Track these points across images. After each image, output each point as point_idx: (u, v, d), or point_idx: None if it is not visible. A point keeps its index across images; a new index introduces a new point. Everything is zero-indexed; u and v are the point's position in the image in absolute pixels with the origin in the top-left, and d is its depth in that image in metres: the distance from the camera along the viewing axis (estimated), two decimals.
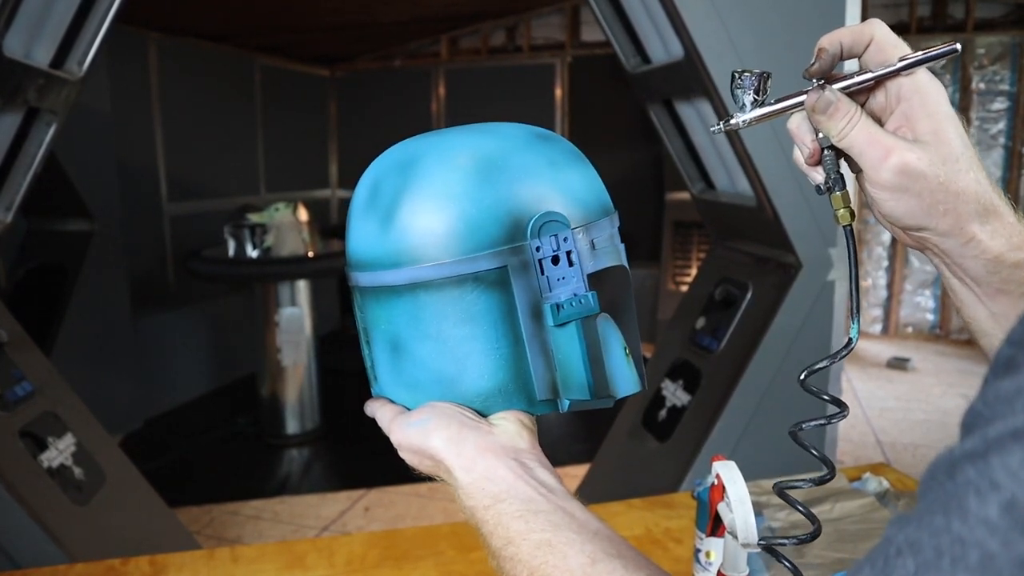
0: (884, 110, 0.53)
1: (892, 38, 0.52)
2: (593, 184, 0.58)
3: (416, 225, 0.53)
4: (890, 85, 0.52)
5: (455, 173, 0.54)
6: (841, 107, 0.51)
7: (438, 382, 0.55)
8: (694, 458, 1.99)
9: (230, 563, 1.08)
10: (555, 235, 0.53)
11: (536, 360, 0.54)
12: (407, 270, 0.53)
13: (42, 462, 1.69)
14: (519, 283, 0.53)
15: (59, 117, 1.74)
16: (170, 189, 4.38)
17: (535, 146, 0.56)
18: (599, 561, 0.45)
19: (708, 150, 2.20)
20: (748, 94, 0.54)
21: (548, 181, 0.55)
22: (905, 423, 3.89)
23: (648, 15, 2.02)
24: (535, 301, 0.54)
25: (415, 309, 0.54)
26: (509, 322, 0.54)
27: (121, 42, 3.84)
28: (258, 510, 3.09)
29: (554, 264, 0.53)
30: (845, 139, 0.51)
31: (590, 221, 0.56)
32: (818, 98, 0.52)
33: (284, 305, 3.67)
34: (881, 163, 0.50)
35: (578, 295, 0.54)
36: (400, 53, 5.89)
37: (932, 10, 5.04)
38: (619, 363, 0.57)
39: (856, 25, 0.53)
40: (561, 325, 0.54)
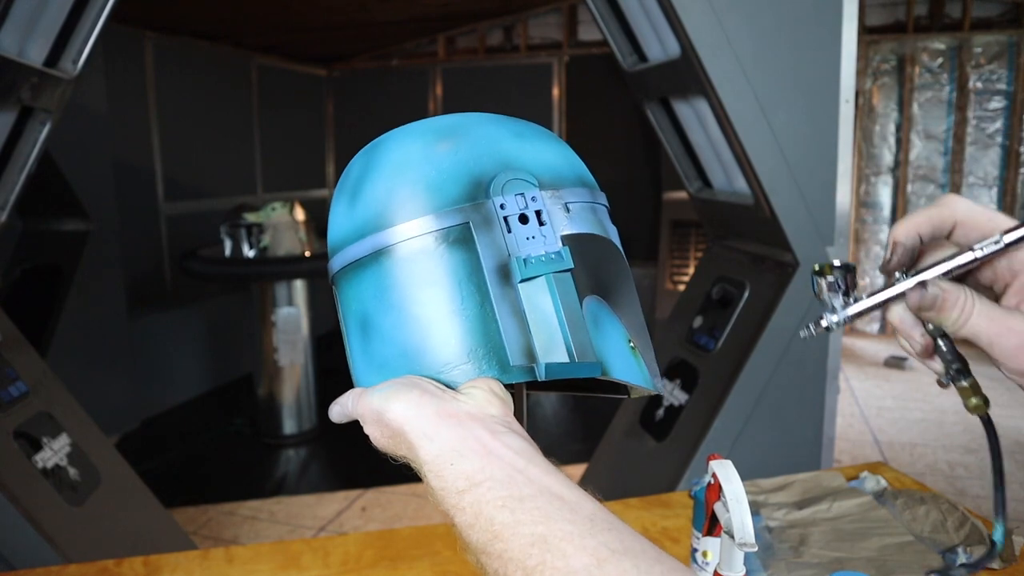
0: (994, 283, 0.49)
1: (981, 211, 0.47)
2: (567, 158, 0.56)
3: (376, 194, 0.53)
4: (999, 260, 0.47)
5: (416, 142, 0.54)
6: (950, 297, 0.46)
7: (404, 355, 0.52)
8: (691, 457, 1.98)
9: (225, 563, 1.07)
10: (521, 193, 0.52)
11: (506, 321, 0.51)
12: (370, 238, 0.53)
13: (36, 463, 1.68)
14: (483, 238, 0.51)
15: (53, 116, 1.73)
16: (166, 189, 4.37)
17: (502, 122, 0.56)
18: (606, 561, 0.39)
19: (705, 149, 2.19)
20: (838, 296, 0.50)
21: (513, 147, 0.54)
22: (903, 422, 3.89)
23: (645, 14, 2.02)
24: (502, 260, 0.51)
25: (379, 279, 0.53)
26: (475, 281, 0.51)
27: (117, 41, 3.83)
28: (255, 510, 3.09)
29: (522, 223, 0.51)
30: (964, 329, 0.46)
31: (563, 187, 0.53)
32: (921, 296, 0.46)
33: (281, 305, 3.66)
34: (1019, 351, 0.45)
35: (548, 252, 0.51)
36: (397, 53, 5.89)
37: (929, 9, 5.04)
38: (619, 349, 0.54)
39: (932, 209, 0.48)
40: (530, 280, 0.51)
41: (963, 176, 5.12)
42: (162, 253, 4.40)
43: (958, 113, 5.08)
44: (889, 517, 1.12)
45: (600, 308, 0.55)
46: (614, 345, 0.54)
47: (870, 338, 5.51)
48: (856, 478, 1.26)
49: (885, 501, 1.17)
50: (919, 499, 1.15)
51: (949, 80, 5.09)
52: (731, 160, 2.02)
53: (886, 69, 5.19)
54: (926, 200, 5.28)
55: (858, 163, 5.25)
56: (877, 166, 5.34)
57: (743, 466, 0.83)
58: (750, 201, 2.01)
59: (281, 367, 3.71)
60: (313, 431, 3.86)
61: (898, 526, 1.09)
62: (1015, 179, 5.01)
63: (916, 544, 1.05)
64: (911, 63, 5.09)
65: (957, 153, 5.10)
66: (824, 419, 2.06)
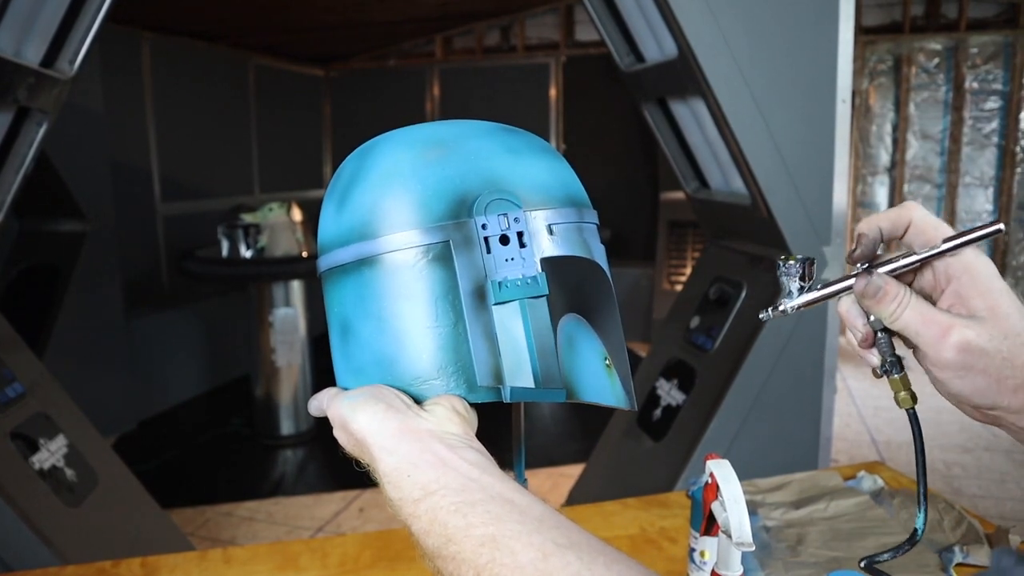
0: (934, 289, 0.53)
1: (931, 220, 0.52)
2: (559, 175, 0.56)
3: (363, 202, 0.54)
4: (937, 265, 0.52)
5: (406, 152, 0.54)
6: (890, 290, 0.51)
7: (378, 364, 0.54)
8: (689, 457, 1.99)
9: (222, 564, 1.07)
10: (504, 214, 0.52)
11: (477, 342, 0.51)
12: (354, 246, 0.53)
13: (33, 464, 1.68)
14: (462, 260, 0.51)
15: (50, 116, 1.72)
16: (164, 189, 4.36)
17: (496, 134, 0.56)
18: (551, 555, 0.41)
19: (702, 149, 2.20)
20: (794, 281, 0.54)
21: (503, 164, 0.54)
22: (900, 421, 3.90)
23: (642, 14, 2.02)
24: (479, 280, 0.51)
25: (360, 287, 0.54)
26: (450, 300, 0.52)
27: (114, 41, 3.82)
28: (252, 511, 3.08)
29: (502, 244, 0.52)
30: (898, 321, 0.51)
31: (549, 207, 0.54)
32: (867, 283, 0.52)
33: (278, 305, 3.66)
34: (940, 341, 0.49)
35: (526, 276, 0.52)
36: (394, 53, 5.88)
37: (925, 9, 5.05)
38: (593, 369, 0.56)
39: (892, 210, 0.53)
40: (503, 303, 0.51)
41: (959, 176, 5.14)
42: (159, 253, 4.39)
43: (954, 113, 5.09)
44: (886, 516, 1.12)
45: (578, 328, 0.56)
46: (588, 364, 0.55)
47: None
48: (853, 478, 1.26)
49: (882, 500, 1.18)
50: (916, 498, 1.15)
51: (945, 80, 5.10)
52: (728, 160, 2.03)
53: (882, 69, 5.20)
54: (922, 200, 5.29)
55: (855, 163, 5.26)
56: (874, 166, 5.35)
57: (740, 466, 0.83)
58: (747, 201, 2.01)
59: (278, 368, 3.71)
60: (310, 432, 3.86)
61: (895, 525, 1.10)
62: (1011, 179, 5.03)
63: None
64: (907, 63, 5.10)
65: (953, 153, 5.11)
66: (821, 419, 2.06)
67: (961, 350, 0.49)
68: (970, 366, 0.49)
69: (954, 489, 3.09)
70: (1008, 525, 1.04)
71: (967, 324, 0.49)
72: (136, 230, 4.16)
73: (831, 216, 1.97)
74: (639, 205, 5.61)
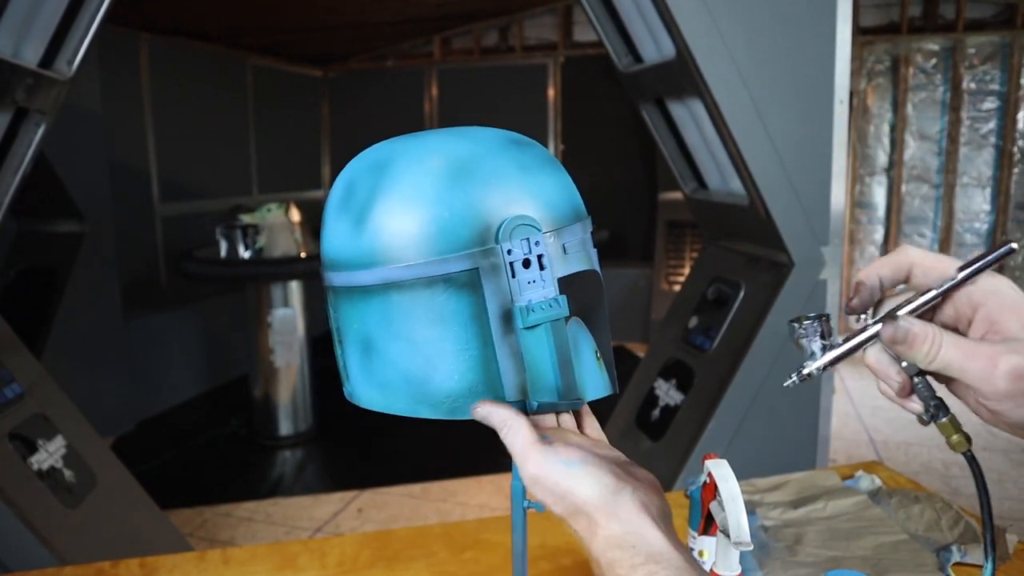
0: (957, 322, 0.51)
1: (932, 256, 0.51)
2: (565, 189, 0.58)
3: (388, 226, 0.54)
4: (957, 296, 0.50)
5: (427, 176, 0.54)
6: (920, 331, 0.48)
7: (408, 382, 0.56)
8: (687, 457, 1.99)
9: (221, 565, 1.07)
10: (526, 239, 0.54)
11: (505, 362, 0.54)
12: (379, 270, 0.54)
13: (32, 464, 1.68)
14: (489, 285, 0.53)
15: (48, 117, 1.72)
16: (162, 190, 4.36)
17: (508, 151, 0.57)
18: None
19: (700, 150, 2.20)
20: (815, 342, 0.52)
21: (519, 185, 0.55)
22: (898, 421, 3.91)
23: (640, 14, 2.02)
24: (505, 303, 0.54)
25: (387, 309, 0.55)
26: (479, 324, 0.54)
27: (112, 42, 3.82)
28: (251, 512, 3.08)
29: (525, 267, 0.54)
30: (937, 361, 0.48)
31: (561, 226, 0.56)
32: (895, 329, 0.49)
33: (276, 306, 3.66)
34: (991, 373, 0.46)
35: (548, 299, 0.54)
36: (393, 53, 5.88)
37: (923, 10, 5.06)
38: (590, 366, 0.59)
39: (889, 256, 0.52)
40: (531, 328, 0.54)
41: (957, 176, 5.14)
42: (157, 254, 4.39)
43: (952, 114, 5.09)
44: (884, 516, 1.13)
45: (579, 329, 0.60)
46: (586, 362, 0.60)
47: None
48: (851, 477, 1.27)
49: (880, 500, 1.18)
50: (914, 498, 1.16)
51: (943, 81, 5.10)
52: (726, 161, 2.03)
53: (880, 70, 5.20)
54: (920, 200, 5.29)
55: (852, 163, 5.27)
56: (871, 166, 5.36)
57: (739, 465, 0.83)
58: (745, 202, 2.01)
59: (277, 368, 3.71)
60: (309, 432, 3.86)
61: (893, 525, 1.10)
62: (1008, 179, 5.03)
63: (911, 543, 1.05)
64: (905, 64, 5.11)
65: (951, 153, 5.12)
66: (819, 418, 2.06)
67: (1015, 377, 0.46)
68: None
69: (952, 488, 3.10)
70: (1006, 524, 1.05)
71: (1013, 348, 0.46)
72: (134, 231, 4.16)
73: (829, 217, 1.98)
74: (637, 205, 5.62)
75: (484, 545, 1.11)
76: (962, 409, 0.53)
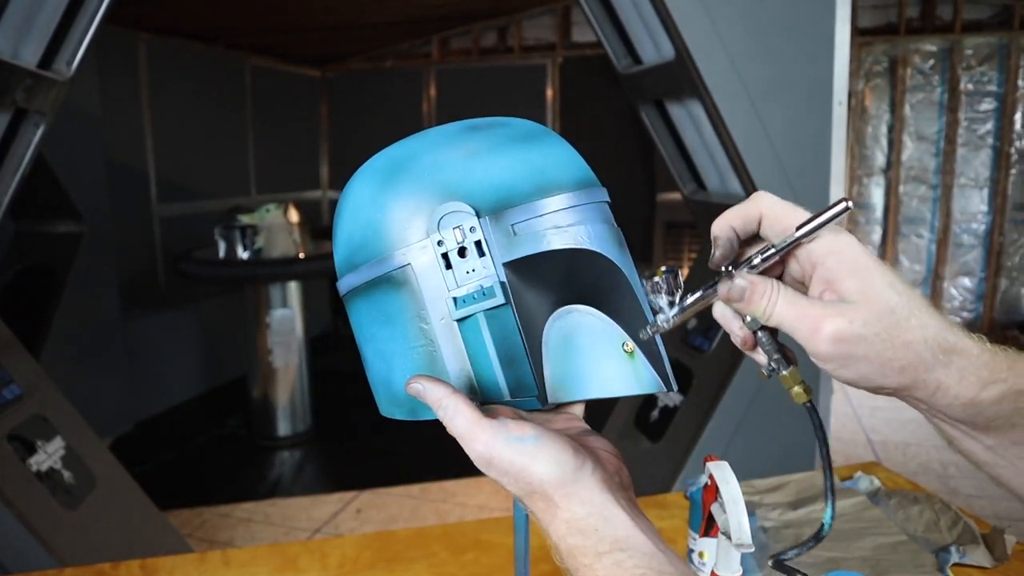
0: (803, 276, 0.50)
1: (781, 207, 0.50)
2: (530, 166, 0.53)
3: (340, 238, 0.56)
4: (800, 252, 0.49)
5: (366, 182, 0.55)
6: (756, 289, 0.48)
7: (381, 383, 0.56)
8: (686, 458, 1.99)
9: (222, 566, 1.07)
10: (458, 227, 0.51)
11: (450, 359, 0.53)
12: (342, 280, 0.56)
13: (31, 466, 1.68)
14: (425, 280, 0.52)
15: (47, 118, 1.72)
16: (160, 190, 4.36)
17: (456, 139, 0.55)
18: None
19: (699, 151, 2.20)
20: (661, 297, 0.52)
21: (461, 173, 0.53)
22: (896, 422, 3.91)
23: (639, 16, 2.02)
24: (443, 298, 0.52)
25: (354, 315, 0.57)
26: (421, 320, 0.53)
27: (110, 42, 3.82)
28: (249, 512, 3.08)
29: (461, 256, 0.51)
30: (772, 318, 0.48)
31: (513, 206, 0.52)
32: (729, 287, 0.49)
33: (275, 306, 3.66)
34: (814, 336, 0.46)
35: (483, 287, 0.51)
36: (391, 54, 5.88)
37: (921, 11, 5.07)
38: (608, 360, 0.53)
39: (741, 205, 0.51)
40: (464, 320, 0.52)
41: (954, 177, 5.15)
42: (155, 255, 4.38)
43: (949, 114, 5.10)
44: (883, 517, 1.13)
45: (579, 320, 0.54)
46: (599, 356, 0.53)
47: None
48: (850, 478, 1.27)
49: (879, 501, 1.18)
50: (912, 499, 1.16)
51: (940, 82, 5.11)
52: (725, 162, 2.03)
53: (878, 71, 5.21)
54: (917, 201, 5.31)
55: (850, 164, 5.28)
56: (869, 167, 5.37)
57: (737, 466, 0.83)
58: None
59: (275, 368, 3.71)
60: (308, 432, 3.85)
61: (892, 526, 1.10)
62: (1006, 180, 5.04)
63: (910, 544, 1.06)
64: (903, 65, 5.12)
65: (948, 154, 5.13)
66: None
67: (836, 341, 0.45)
68: (849, 355, 0.46)
69: (950, 489, 3.10)
70: (1003, 525, 1.05)
71: (839, 312, 0.46)
72: (132, 231, 4.15)
73: None
74: (635, 206, 5.62)
75: (484, 546, 1.11)
76: None
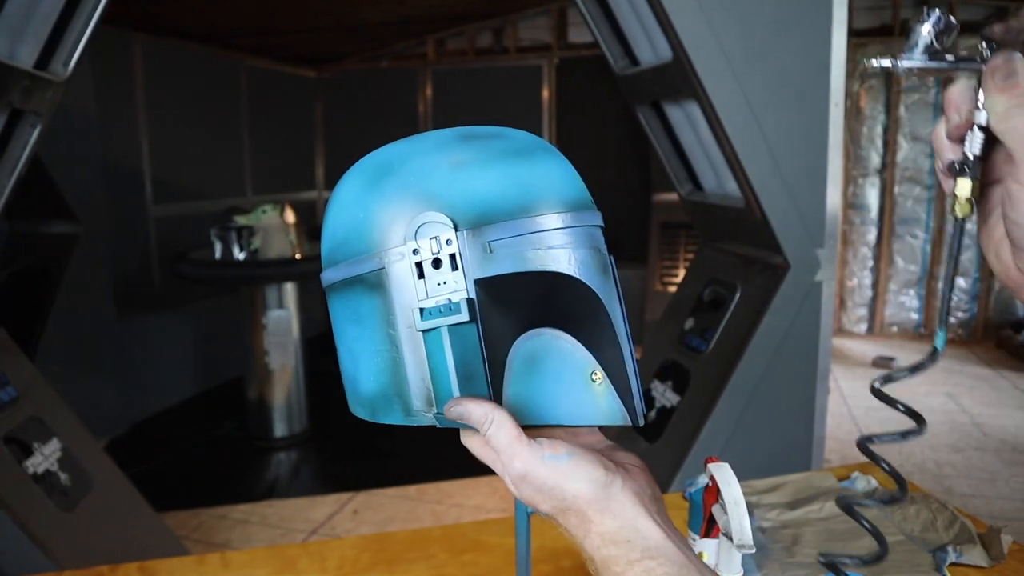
0: None
1: None
2: (516, 182, 0.52)
3: (324, 231, 0.57)
4: None
5: (355, 181, 0.56)
6: (1021, 84, 0.44)
7: (349, 380, 0.57)
8: (683, 459, 2.00)
9: (220, 568, 1.07)
10: (435, 237, 0.51)
11: (411, 368, 0.53)
12: (324, 274, 0.57)
13: (27, 468, 1.67)
14: (398, 287, 0.52)
15: (44, 119, 1.72)
16: (155, 191, 4.34)
17: (445, 148, 0.54)
18: None
19: (696, 152, 2.21)
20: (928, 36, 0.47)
21: (441, 183, 0.52)
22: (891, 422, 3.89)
23: (636, 17, 2.03)
24: (412, 306, 0.52)
25: (331, 310, 0.58)
26: (389, 325, 0.53)
27: (106, 43, 3.81)
28: (246, 514, 3.07)
29: (435, 267, 0.52)
30: (1009, 121, 0.44)
31: (494, 222, 0.51)
32: (1004, 60, 0.45)
33: (272, 307, 3.65)
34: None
35: (451, 301, 0.51)
36: (387, 54, 5.88)
37: (915, 13, 5.09)
38: (572, 388, 0.52)
39: None
40: (429, 331, 0.52)
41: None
42: (151, 255, 4.37)
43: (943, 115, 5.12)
44: (880, 517, 1.13)
45: (549, 344, 0.52)
46: (560, 382, 0.52)
47: (858, 338, 5.55)
48: (847, 478, 1.27)
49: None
50: (909, 499, 1.16)
51: (935, 83, 5.13)
52: (722, 163, 2.04)
53: (873, 72, 5.23)
54: (912, 202, 5.32)
55: (845, 165, 5.29)
56: (864, 168, 5.38)
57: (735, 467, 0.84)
58: (741, 204, 2.02)
59: (272, 370, 3.70)
60: (304, 434, 3.85)
61: (889, 526, 1.11)
62: None
63: (907, 543, 1.06)
64: None
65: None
66: (815, 419, 2.07)
67: None
68: None
69: (945, 488, 3.12)
70: (999, 524, 1.05)
71: None
72: (128, 232, 4.14)
73: (824, 219, 1.99)
74: (631, 206, 5.62)
75: (483, 547, 1.11)
76: None
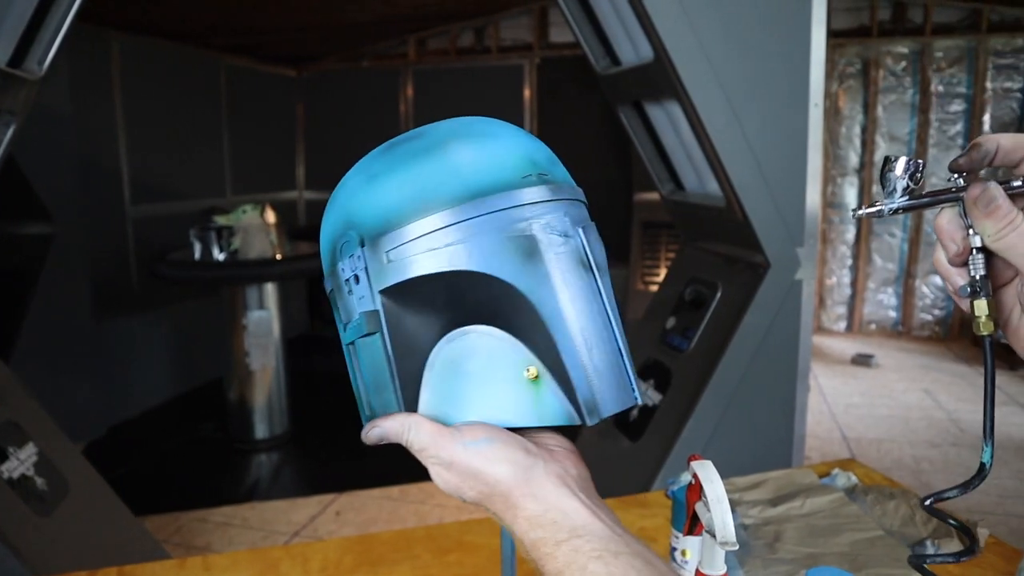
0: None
1: None
2: (422, 184, 0.51)
3: None
4: None
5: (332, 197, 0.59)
6: (1003, 206, 0.48)
7: None
8: (666, 457, 2.00)
9: (202, 572, 1.06)
10: (352, 255, 0.52)
11: (356, 380, 0.56)
12: None
13: (2, 473, 1.64)
14: (340, 305, 0.55)
15: (18, 118, 1.69)
16: (133, 191, 4.29)
17: (368, 163, 0.55)
18: None
19: (678, 152, 2.22)
20: (903, 180, 0.50)
21: (356, 201, 0.53)
22: (870, 419, 3.97)
23: (618, 17, 2.03)
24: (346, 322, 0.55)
25: None
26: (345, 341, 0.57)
27: (82, 41, 3.75)
28: (227, 517, 3.05)
29: (357, 283, 0.52)
30: (1002, 240, 0.48)
31: (394, 229, 0.50)
32: (982, 191, 0.48)
33: (252, 308, 3.62)
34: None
35: (359, 314, 0.52)
36: (368, 53, 5.85)
37: (892, 14, 5.15)
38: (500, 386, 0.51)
39: (1020, 135, 0.50)
40: (351, 345, 0.55)
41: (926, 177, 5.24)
42: (129, 256, 4.32)
43: (921, 116, 5.19)
44: (860, 513, 1.15)
45: (474, 343, 0.51)
46: (488, 382, 0.51)
47: (837, 336, 5.61)
48: (828, 475, 1.28)
49: (856, 497, 1.20)
50: (888, 495, 1.18)
51: (912, 83, 5.20)
52: (703, 163, 2.05)
53: (851, 72, 5.29)
54: None
55: (824, 164, 5.35)
56: (843, 167, 5.44)
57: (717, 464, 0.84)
58: (722, 203, 2.04)
59: (252, 371, 3.67)
60: (285, 435, 3.82)
61: (869, 521, 1.12)
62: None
63: (886, 538, 1.07)
64: (875, 67, 5.19)
65: (920, 154, 5.22)
66: (795, 417, 2.09)
67: None
68: None
69: (923, 483, 3.16)
70: (976, 518, 1.07)
71: None
72: (105, 233, 4.09)
73: (804, 218, 2.00)
74: (613, 206, 5.64)
75: (467, 547, 1.11)
76: None
